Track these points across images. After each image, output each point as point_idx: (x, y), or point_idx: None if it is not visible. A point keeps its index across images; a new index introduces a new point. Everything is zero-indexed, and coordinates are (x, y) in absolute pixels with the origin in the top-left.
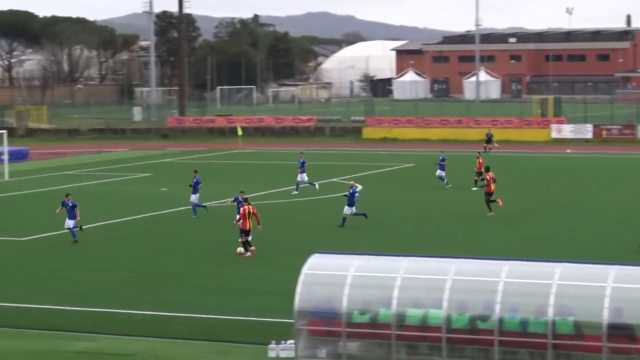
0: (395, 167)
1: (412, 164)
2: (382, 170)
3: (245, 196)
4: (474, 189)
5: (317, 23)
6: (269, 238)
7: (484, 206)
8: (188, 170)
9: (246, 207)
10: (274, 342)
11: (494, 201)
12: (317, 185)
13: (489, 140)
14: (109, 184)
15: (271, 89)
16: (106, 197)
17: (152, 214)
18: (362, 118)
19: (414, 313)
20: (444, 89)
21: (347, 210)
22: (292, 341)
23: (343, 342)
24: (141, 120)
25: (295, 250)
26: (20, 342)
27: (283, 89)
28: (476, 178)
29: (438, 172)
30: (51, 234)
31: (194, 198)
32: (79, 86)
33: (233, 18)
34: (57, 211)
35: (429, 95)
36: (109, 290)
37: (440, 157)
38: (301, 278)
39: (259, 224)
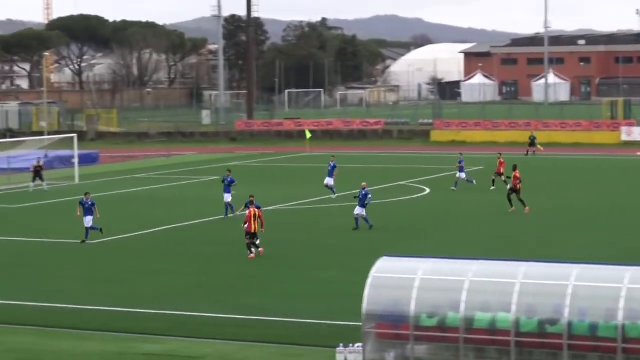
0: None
1: (480, 167)
2: (450, 173)
3: (251, 199)
4: (492, 188)
5: (385, 26)
6: (336, 241)
7: (522, 205)
8: (256, 174)
9: (252, 210)
10: (342, 345)
11: (521, 201)
12: (334, 195)
13: (532, 143)
14: (178, 187)
15: (339, 92)
16: (175, 200)
17: (221, 217)
18: (430, 121)
19: (482, 316)
20: (513, 92)
21: (358, 210)
22: (360, 344)
23: (411, 345)
24: (210, 123)
25: (363, 253)
26: (92, 344)
27: (351, 92)
28: (494, 178)
29: (458, 174)
30: (119, 237)
31: (227, 197)
32: (148, 90)
33: (301, 21)
34: (77, 214)
35: (497, 98)
36: (177, 292)
37: (460, 160)
38: (369, 281)
39: (262, 227)
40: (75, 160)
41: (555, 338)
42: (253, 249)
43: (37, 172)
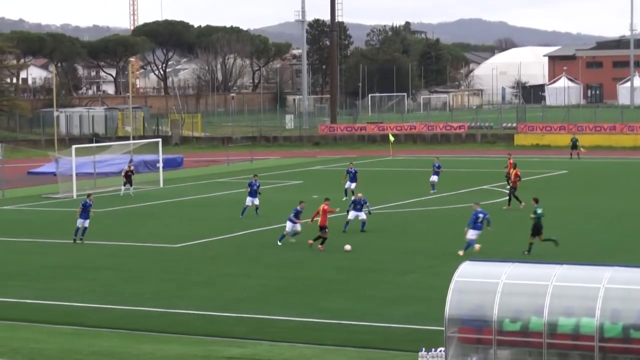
0: (548, 174)
1: (564, 170)
2: (534, 177)
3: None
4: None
5: (469, 30)
6: (418, 245)
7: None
8: (339, 178)
9: (323, 206)
10: (424, 349)
11: (517, 198)
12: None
13: (574, 146)
14: (260, 191)
15: (422, 96)
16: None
17: (304, 221)
18: (514, 124)
19: (565, 321)
20: (598, 95)
21: (351, 216)
22: (442, 349)
23: (494, 350)
24: (293, 128)
25: (445, 257)
26: (174, 347)
27: (434, 95)
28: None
29: (432, 178)
30: (203, 240)
31: (249, 201)
32: (232, 95)
33: (385, 25)
34: (78, 213)
35: (582, 102)
36: (259, 296)
37: (436, 164)
38: (452, 285)
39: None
40: (160, 165)
41: (639, 344)
42: (321, 241)
43: (128, 177)
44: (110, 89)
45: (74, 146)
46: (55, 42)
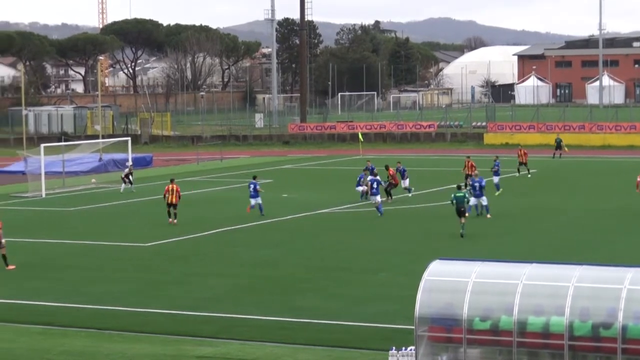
0: (517, 173)
1: (534, 169)
2: (504, 176)
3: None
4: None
5: (438, 29)
6: (388, 244)
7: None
8: (309, 177)
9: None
10: (394, 348)
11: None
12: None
13: (558, 146)
14: (231, 190)
15: (392, 95)
16: (228, 203)
17: (274, 220)
18: (484, 123)
19: (535, 320)
20: (567, 94)
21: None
22: (412, 347)
23: (464, 349)
24: (263, 127)
25: (415, 256)
26: (145, 347)
27: (404, 94)
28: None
29: (403, 182)
30: (173, 239)
31: (252, 202)
32: (202, 93)
33: (354, 24)
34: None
35: (552, 101)
36: (229, 295)
37: (400, 168)
38: (422, 284)
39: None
40: (129, 163)
41: (609, 342)
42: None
43: (127, 177)
44: (79, 88)
45: (42, 145)
46: (23, 40)
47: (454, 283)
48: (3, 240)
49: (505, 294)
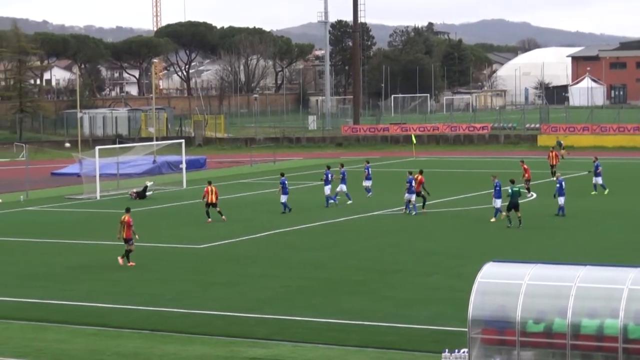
0: (571, 175)
1: (587, 171)
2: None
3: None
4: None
5: (492, 30)
6: (441, 247)
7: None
8: (362, 179)
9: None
10: (447, 350)
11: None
12: (335, 201)
13: (559, 147)
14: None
15: (445, 97)
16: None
17: (326, 222)
18: (537, 125)
19: (589, 323)
20: (622, 96)
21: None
22: (465, 350)
23: (517, 351)
24: (316, 129)
25: (468, 258)
26: (197, 348)
27: (457, 96)
28: (527, 186)
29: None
30: (227, 241)
31: (284, 198)
32: (255, 96)
33: (407, 26)
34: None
35: (606, 102)
36: (282, 297)
37: (365, 167)
38: (475, 287)
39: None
40: (183, 166)
41: None
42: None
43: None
44: (133, 90)
45: (97, 147)
46: (78, 44)
47: (508, 285)
48: (136, 236)
49: (559, 297)
